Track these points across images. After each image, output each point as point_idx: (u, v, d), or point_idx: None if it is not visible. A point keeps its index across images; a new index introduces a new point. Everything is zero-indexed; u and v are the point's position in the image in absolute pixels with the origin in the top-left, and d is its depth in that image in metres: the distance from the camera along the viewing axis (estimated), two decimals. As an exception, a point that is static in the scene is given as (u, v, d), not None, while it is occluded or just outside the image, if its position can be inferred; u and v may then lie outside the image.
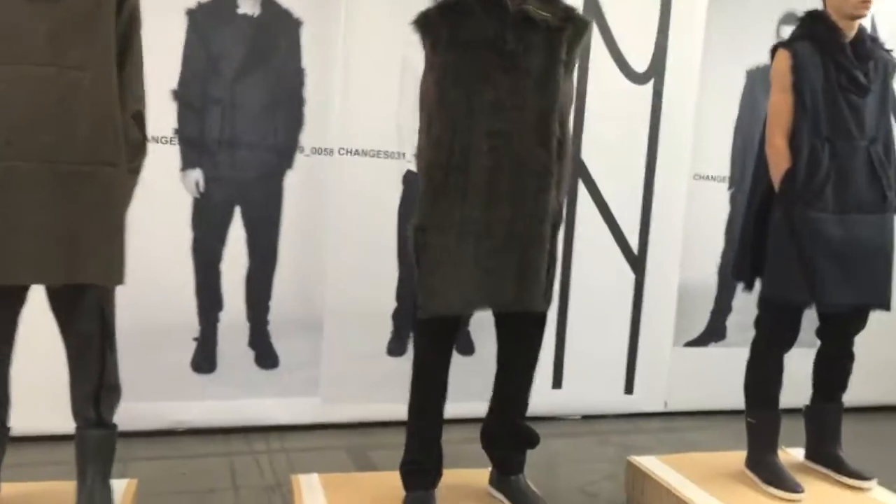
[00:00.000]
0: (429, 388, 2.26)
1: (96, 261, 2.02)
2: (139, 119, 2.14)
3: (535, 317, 2.25)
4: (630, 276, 3.83)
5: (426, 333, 2.24)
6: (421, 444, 2.30)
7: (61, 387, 2.18)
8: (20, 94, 1.93)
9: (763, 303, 2.63)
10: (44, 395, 2.55)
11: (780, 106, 2.50)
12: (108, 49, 2.04)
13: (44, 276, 2.01)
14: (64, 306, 2.11)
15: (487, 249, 2.13)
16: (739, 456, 2.74)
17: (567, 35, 2.15)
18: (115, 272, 2.07)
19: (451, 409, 2.91)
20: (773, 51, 2.56)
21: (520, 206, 2.14)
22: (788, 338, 2.60)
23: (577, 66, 2.27)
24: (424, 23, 2.16)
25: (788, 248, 2.49)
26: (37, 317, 2.12)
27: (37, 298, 2.10)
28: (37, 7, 1.95)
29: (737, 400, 2.73)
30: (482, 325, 2.33)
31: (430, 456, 2.31)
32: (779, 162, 2.50)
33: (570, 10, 2.19)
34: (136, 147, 2.12)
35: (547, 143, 2.15)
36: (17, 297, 2.09)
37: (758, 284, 2.66)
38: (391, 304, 3.53)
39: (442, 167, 2.13)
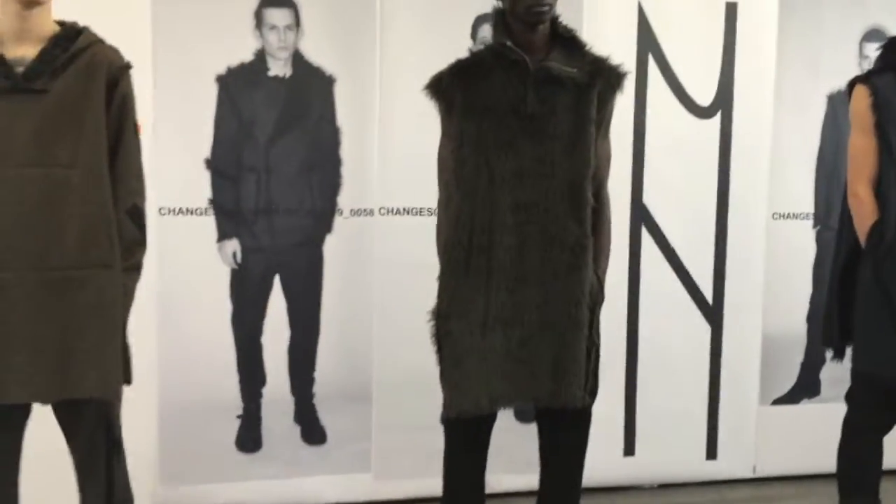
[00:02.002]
0: (461, 495, 2.02)
1: (92, 373, 1.89)
2: (136, 214, 1.99)
3: (576, 412, 1.98)
4: (706, 328, 3.47)
5: (454, 433, 2.01)
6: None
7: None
8: (3, 199, 1.82)
9: (855, 376, 2.26)
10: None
11: (861, 150, 2.17)
12: (98, 142, 1.91)
13: (37, 394, 1.89)
14: (66, 418, 1.98)
15: (517, 338, 1.89)
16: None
17: (597, 91, 1.88)
18: (113, 384, 1.94)
19: (512, 482, 2.70)
20: (850, 87, 2.21)
21: (552, 288, 1.89)
22: (887, 419, 2.23)
23: (612, 120, 1.99)
24: (437, 87, 1.96)
25: (881, 314, 2.12)
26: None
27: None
28: (21, 103, 1.83)
29: (835, 462, 2.39)
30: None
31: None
32: (863, 214, 2.16)
33: (599, 62, 1.93)
34: (132, 244, 1.97)
35: (580, 214, 1.89)
36: (19, 415, 1.98)
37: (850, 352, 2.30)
38: (444, 370, 3.29)
39: (462, 246, 1.91)
